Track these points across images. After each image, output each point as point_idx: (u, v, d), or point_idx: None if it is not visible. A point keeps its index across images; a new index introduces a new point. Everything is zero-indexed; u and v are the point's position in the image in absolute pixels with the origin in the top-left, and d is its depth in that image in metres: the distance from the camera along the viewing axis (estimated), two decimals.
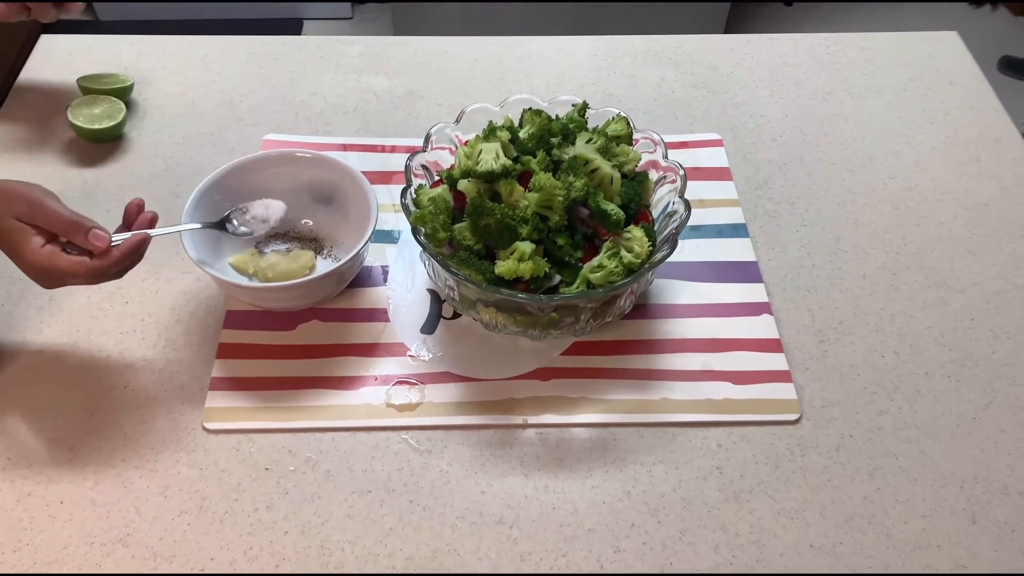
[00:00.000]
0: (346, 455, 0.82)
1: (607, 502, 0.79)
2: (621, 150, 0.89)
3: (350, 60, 1.22)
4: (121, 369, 0.87)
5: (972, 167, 1.09)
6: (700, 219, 1.01)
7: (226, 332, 0.90)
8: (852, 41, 1.28)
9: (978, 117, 1.16)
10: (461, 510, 0.79)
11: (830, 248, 1.00)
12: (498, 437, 0.84)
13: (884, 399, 0.87)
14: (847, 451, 0.83)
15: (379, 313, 0.93)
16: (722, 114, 1.16)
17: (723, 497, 0.80)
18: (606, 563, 0.76)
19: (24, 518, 0.77)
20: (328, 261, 0.95)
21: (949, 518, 0.79)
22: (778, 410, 0.85)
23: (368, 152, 1.09)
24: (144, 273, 0.95)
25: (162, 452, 0.82)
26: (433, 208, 0.83)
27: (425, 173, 0.91)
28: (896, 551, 0.77)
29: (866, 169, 1.09)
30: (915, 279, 0.97)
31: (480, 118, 0.92)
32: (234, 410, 0.84)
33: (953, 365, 0.90)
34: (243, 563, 0.75)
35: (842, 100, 1.18)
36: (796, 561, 0.76)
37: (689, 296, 0.94)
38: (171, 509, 0.78)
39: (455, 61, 1.23)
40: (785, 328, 0.92)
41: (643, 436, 0.84)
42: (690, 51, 1.25)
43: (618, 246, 0.82)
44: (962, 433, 0.84)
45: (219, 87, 1.17)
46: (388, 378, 0.87)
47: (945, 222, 1.03)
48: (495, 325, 0.87)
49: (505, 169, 0.83)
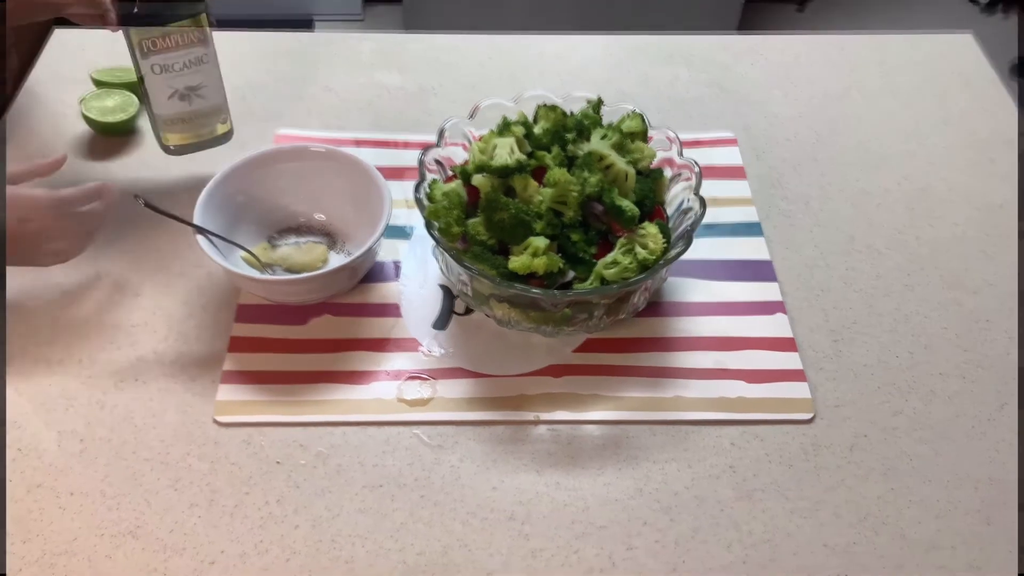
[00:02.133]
0: (357, 450, 0.82)
1: (619, 499, 0.79)
2: (636, 147, 0.88)
3: (363, 56, 1.22)
4: (132, 362, 0.87)
5: (986, 168, 1.09)
6: (714, 217, 1.00)
7: (238, 326, 0.90)
8: (866, 42, 1.27)
9: (993, 118, 1.15)
10: (472, 506, 0.78)
11: (844, 248, 0.99)
12: (510, 433, 0.83)
13: (898, 399, 0.86)
14: (861, 451, 0.82)
15: (391, 308, 0.92)
16: (735, 113, 1.15)
17: (736, 496, 0.79)
18: (618, 560, 0.75)
19: (34, 509, 0.77)
20: (341, 256, 0.95)
21: (964, 519, 0.78)
22: (792, 409, 0.85)
23: (381, 148, 1.08)
24: (156, 266, 0.95)
25: (173, 445, 0.82)
26: (447, 203, 0.83)
27: (438, 168, 0.91)
28: (910, 551, 0.76)
29: (880, 169, 1.09)
30: (929, 280, 0.96)
31: (494, 114, 0.91)
32: (245, 404, 0.84)
33: (968, 366, 0.89)
34: (253, 556, 0.75)
35: (856, 100, 1.18)
36: (809, 560, 0.76)
37: (703, 294, 0.94)
38: (181, 502, 0.78)
39: (468, 58, 1.23)
40: (799, 327, 0.92)
41: (656, 434, 0.83)
42: (704, 50, 1.25)
43: (632, 242, 0.81)
44: (977, 434, 0.84)
45: (232, 82, 1.16)
46: (400, 373, 0.87)
47: (959, 223, 1.02)
48: (508, 321, 0.87)
49: (520, 164, 0.83)
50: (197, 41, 0.88)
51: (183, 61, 0.88)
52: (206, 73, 0.91)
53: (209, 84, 0.92)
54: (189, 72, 0.90)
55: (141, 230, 0.98)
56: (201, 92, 0.92)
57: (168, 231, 0.97)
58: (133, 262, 0.95)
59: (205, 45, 0.89)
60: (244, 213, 0.94)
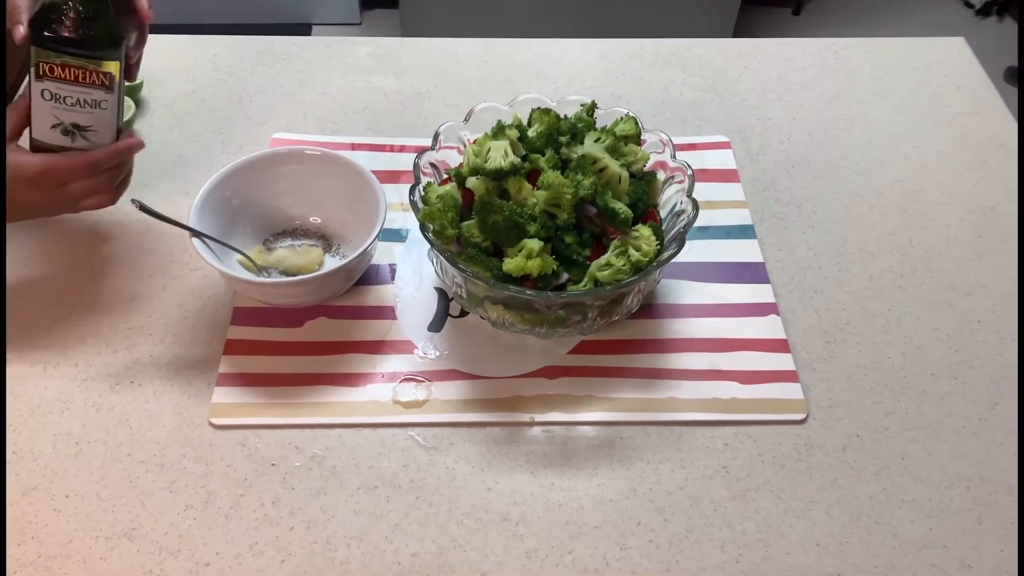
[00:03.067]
0: (352, 451, 0.82)
1: (613, 500, 0.79)
2: (629, 149, 0.89)
3: (359, 60, 1.23)
4: (128, 364, 0.88)
5: (979, 171, 1.09)
6: (708, 220, 1.01)
7: (233, 328, 0.90)
8: (860, 46, 1.28)
9: (985, 121, 1.16)
10: (467, 507, 0.79)
11: (837, 250, 1.00)
12: (505, 435, 0.84)
13: (891, 400, 0.87)
14: (853, 451, 0.83)
15: (387, 311, 0.93)
16: (730, 117, 1.16)
17: (729, 495, 0.80)
18: (612, 560, 0.76)
19: (29, 512, 0.77)
20: (336, 259, 0.95)
21: (955, 518, 0.79)
22: (785, 410, 0.85)
23: (377, 151, 1.09)
24: (152, 269, 0.95)
25: (168, 447, 0.82)
26: (442, 205, 0.83)
27: (433, 171, 0.91)
28: (902, 550, 0.76)
29: (873, 172, 1.09)
30: (922, 281, 0.97)
31: (489, 117, 0.92)
32: (241, 406, 0.84)
33: (960, 367, 0.90)
34: (248, 558, 0.75)
35: (849, 104, 1.19)
36: (802, 560, 0.76)
37: (696, 296, 0.94)
38: (177, 504, 0.78)
39: (464, 62, 1.24)
40: (792, 328, 0.92)
41: (650, 435, 0.84)
42: (698, 54, 1.26)
43: (626, 245, 0.82)
44: (968, 434, 0.84)
45: (228, 86, 1.18)
46: (395, 375, 0.87)
47: (952, 225, 1.03)
48: (502, 323, 0.88)
49: (514, 167, 0.83)
50: (99, 84, 0.79)
51: (77, 98, 0.79)
52: (100, 119, 0.81)
53: (100, 130, 0.82)
54: (81, 111, 0.80)
55: (137, 233, 0.98)
56: (88, 135, 0.81)
57: (164, 234, 0.97)
58: (129, 265, 0.96)
59: (109, 92, 0.80)
60: (240, 216, 0.94)
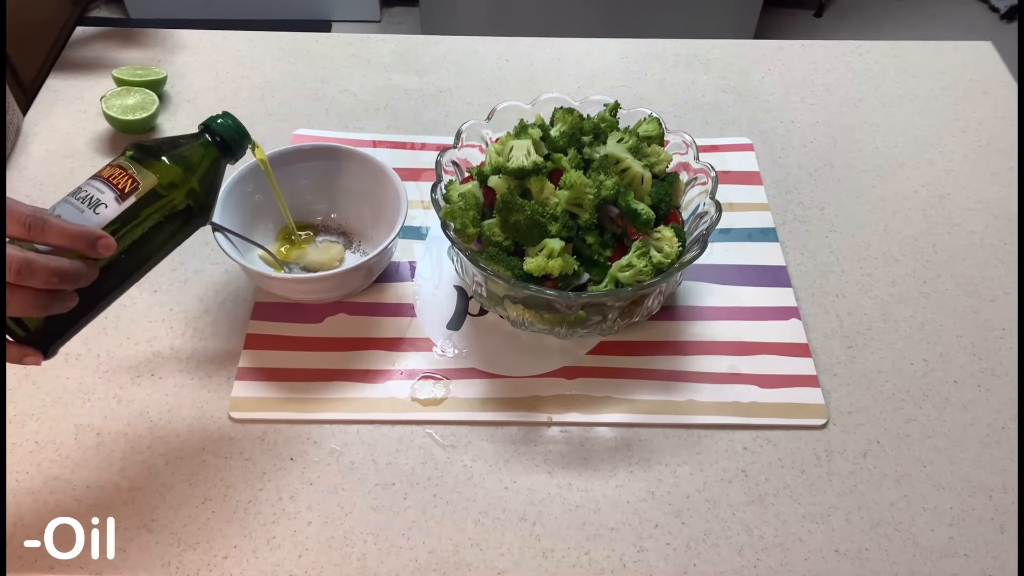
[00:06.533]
0: (370, 448, 0.82)
1: (631, 502, 0.79)
2: (652, 150, 0.88)
3: (381, 58, 1.23)
4: (149, 357, 0.88)
5: (1005, 177, 1.08)
6: (729, 222, 1.00)
7: (254, 323, 0.91)
8: (884, 49, 1.27)
9: (1011, 127, 1.15)
10: (484, 505, 0.79)
11: (860, 254, 0.99)
12: (522, 434, 0.84)
13: (912, 406, 0.86)
14: (874, 457, 0.82)
15: (406, 308, 0.93)
16: (752, 119, 1.15)
17: (748, 500, 0.79)
18: (629, 562, 0.75)
19: (50, 501, 0.78)
20: (356, 255, 0.95)
21: (977, 527, 0.78)
22: (805, 415, 0.85)
23: (398, 149, 1.09)
24: (173, 263, 0.95)
25: (188, 440, 0.82)
26: (463, 203, 0.83)
27: (455, 169, 0.91)
28: (923, 559, 0.76)
29: (897, 177, 1.08)
30: (945, 287, 0.96)
31: (511, 116, 0.92)
32: (260, 400, 0.85)
33: (983, 375, 0.89)
34: (266, 551, 0.75)
35: (873, 107, 1.18)
36: (821, 566, 0.75)
37: (717, 299, 0.94)
38: (196, 496, 0.79)
39: (486, 61, 1.23)
40: (813, 333, 0.91)
41: (668, 437, 0.84)
42: (721, 56, 1.25)
43: (648, 246, 0.81)
44: (991, 443, 0.84)
45: (251, 82, 1.18)
46: (413, 372, 0.87)
47: (977, 231, 1.02)
48: (522, 322, 0.87)
49: (536, 166, 0.83)
50: (124, 187, 0.67)
51: (88, 195, 0.66)
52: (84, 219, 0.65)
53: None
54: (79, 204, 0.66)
55: None
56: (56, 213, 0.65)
57: None
58: None
59: (119, 203, 0.66)
60: (262, 211, 0.94)
